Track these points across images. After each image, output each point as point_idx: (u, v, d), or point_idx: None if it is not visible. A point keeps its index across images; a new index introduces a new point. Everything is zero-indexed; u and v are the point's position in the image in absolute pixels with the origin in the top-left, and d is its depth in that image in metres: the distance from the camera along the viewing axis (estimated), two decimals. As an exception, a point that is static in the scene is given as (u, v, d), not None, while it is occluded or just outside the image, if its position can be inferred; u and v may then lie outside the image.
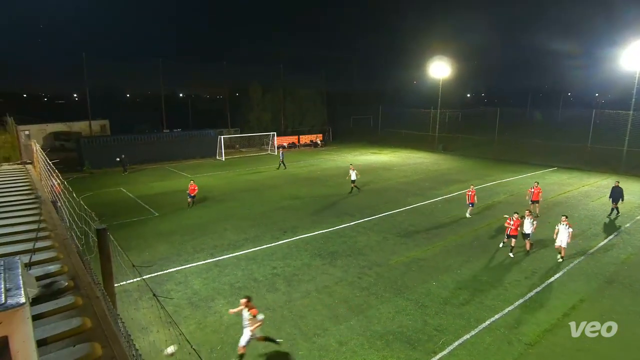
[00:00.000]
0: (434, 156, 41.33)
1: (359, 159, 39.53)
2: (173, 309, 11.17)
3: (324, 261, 14.62)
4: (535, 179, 29.23)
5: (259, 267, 14.14)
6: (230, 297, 11.98)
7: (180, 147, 38.73)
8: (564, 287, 12.68)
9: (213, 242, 16.53)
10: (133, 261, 6.39)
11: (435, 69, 45.52)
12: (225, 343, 9.80)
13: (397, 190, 25.62)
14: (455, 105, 63.30)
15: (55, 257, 4.00)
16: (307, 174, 29.76)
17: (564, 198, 23.20)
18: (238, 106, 50.41)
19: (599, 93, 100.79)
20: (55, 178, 10.45)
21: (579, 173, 31.30)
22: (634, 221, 19.18)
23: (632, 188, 26.15)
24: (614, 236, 17.03)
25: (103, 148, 34.82)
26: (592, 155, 33.15)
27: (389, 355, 9.37)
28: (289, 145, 47.30)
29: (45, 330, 2.71)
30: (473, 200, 19.79)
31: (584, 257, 14.94)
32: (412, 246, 16.10)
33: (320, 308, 11.38)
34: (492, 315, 10.91)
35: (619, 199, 19.69)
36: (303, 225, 18.63)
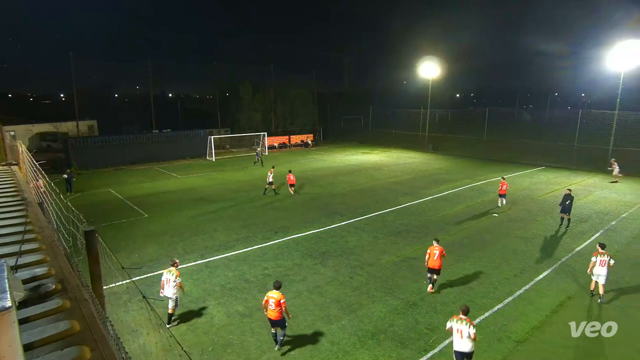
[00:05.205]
0: (424, 156, 41.62)
1: (350, 158, 39.65)
2: (163, 311, 11.06)
3: (315, 261, 14.62)
4: (525, 177, 29.66)
5: (250, 267, 14.08)
6: (222, 299, 11.92)
7: (170, 148, 38.45)
8: (551, 284, 12.86)
9: (203, 243, 16.43)
10: (122, 263, 6.33)
11: (425, 69, 45.84)
12: (216, 344, 9.75)
13: (388, 190, 25.74)
14: (445, 105, 63.74)
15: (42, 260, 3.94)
16: (298, 174, 29.70)
17: (552, 197, 23.53)
18: (228, 106, 50.20)
19: (585, 93, 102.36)
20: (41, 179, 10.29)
21: (567, 172, 31.80)
22: (620, 219, 19.53)
23: (617, 187, 26.64)
24: (600, 234, 17.32)
25: (91, 149, 34.44)
26: (579, 155, 33.66)
27: (380, 354, 9.40)
28: (279, 145, 47.23)
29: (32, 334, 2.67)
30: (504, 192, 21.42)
31: (571, 255, 15.17)
32: (402, 245, 16.19)
33: (312, 308, 11.38)
34: (482, 314, 11.02)
35: (569, 210, 18.02)
36: (294, 225, 18.61)
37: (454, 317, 8.54)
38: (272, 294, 9.35)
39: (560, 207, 18.29)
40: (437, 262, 12.02)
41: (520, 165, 34.99)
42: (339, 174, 31.16)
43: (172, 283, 10.39)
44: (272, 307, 9.26)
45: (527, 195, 24.35)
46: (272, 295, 9.31)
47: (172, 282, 10.38)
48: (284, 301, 9.30)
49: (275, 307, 9.24)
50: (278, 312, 9.27)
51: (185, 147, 39.49)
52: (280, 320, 9.36)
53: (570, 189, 18.81)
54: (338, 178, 29.67)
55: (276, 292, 9.34)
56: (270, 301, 9.28)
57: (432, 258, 12.05)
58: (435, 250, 12.10)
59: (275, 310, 9.25)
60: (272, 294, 9.33)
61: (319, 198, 23.79)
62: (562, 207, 18.18)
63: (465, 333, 8.23)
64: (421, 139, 47.20)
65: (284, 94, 52.31)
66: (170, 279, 10.42)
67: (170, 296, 10.47)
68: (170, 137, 39.96)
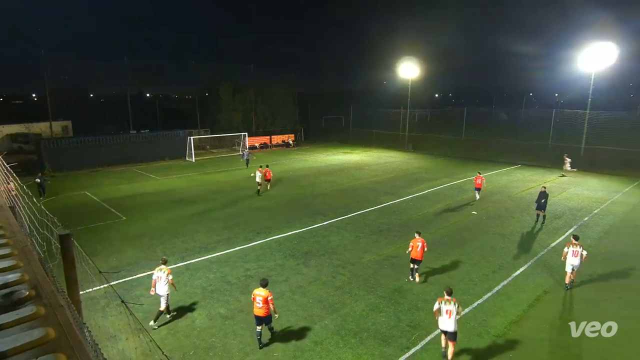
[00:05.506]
0: (404, 155, 42.08)
1: (331, 158, 39.74)
2: (143, 315, 10.86)
3: (297, 261, 14.60)
4: (502, 176, 30.36)
5: (231, 269, 13.95)
6: (203, 301, 11.78)
7: (148, 149, 37.66)
8: (528, 280, 13.21)
9: (184, 245, 16.18)
10: (99, 267, 6.18)
11: (405, 69, 46.35)
12: (198, 348, 9.62)
13: (369, 189, 25.92)
14: (424, 105, 64.62)
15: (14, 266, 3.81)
16: (279, 174, 29.62)
17: (528, 194, 24.16)
18: (208, 106, 49.54)
19: (559, 93, 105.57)
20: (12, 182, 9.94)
21: (542, 170, 32.69)
22: (592, 215, 20.21)
23: (589, 184, 27.57)
24: (573, 230, 17.87)
25: (65, 150, 33.45)
26: (554, 153, 34.64)
27: (363, 352, 9.46)
28: (260, 145, 46.93)
29: (5, 342, 2.58)
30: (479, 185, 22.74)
31: (546, 251, 15.62)
32: (384, 244, 16.33)
33: (295, 308, 11.36)
34: (462, 310, 11.21)
35: (544, 207, 18.46)
36: (276, 225, 18.53)
37: (440, 299, 9.10)
38: (258, 291, 9.52)
39: (536, 205, 18.79)
40: (419, 253, 12.77)
41: (497, 163, 35.79)
42: (321, 174, 31.19)
43: (164, 281, 10.45)
44: (260, 305, 9.41)
45: (504, 193, 24.93)
46: (259, 293, 9.47)
47: (164, 280, 10.45)
48: (271, 298, 9.49)
49: (262, 304, 9.40)
50: (265, 309, 9.43)
51: (164, 147, 38.76)
52: (267, 317, 9.55)
53: (545, 187, 19.35)
54: (320, 178, 29.70)
55: (263, 289, 9.52)
56: (257, 299, 9.44)
57: (415, 249, 12.79)
58: (417, 242, 12.80)
59: (262, 307, 9.40)
60: (259, 292, 9.49)
61: (300, 198, 23.76)
62: (537, 205, 18.68)
63: (454, 313, 8.83)
64: (401, 138, 47.71)
65: (264, 94, 51.96)
66: (162, 276, 10.48)
67: (162, 294, 10.51)
68: (148, 138, 39.17)
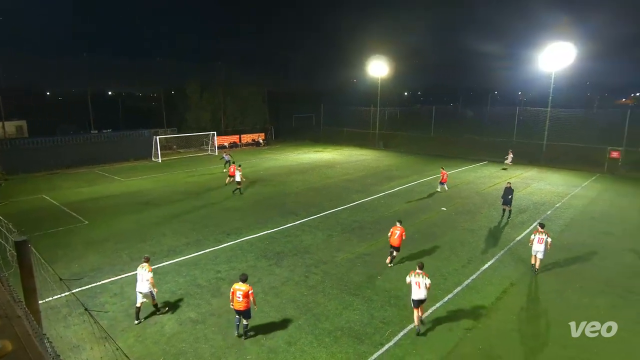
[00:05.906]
0: (375, 153, 42.51)
1: (303, 157, 39.60)
2: (108, 322, 10.40)
3: (269, 262, 14.40)
4: (469, 172, 31.21)
5: (202, 272, 13.59)
6: (172, 306, 11.40)
7: (111, 149, 36.18)
8: (496, 273, 13.60)
9: (151, 248, 15.63)
10: (60, 274, 5.84)
11: (374, 68, 46.82)
12: (167, 354, 9.29)
13: (341, 188, 25.99)
14: (394, 103, 65.63)
15: (-41, 278, 3.49)
16: (249, 174, 29.22)
17: (494, 190, 24.92)
18: (174, 105, 48.20)
19: (522, 91, 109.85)
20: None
21: (507, 166, 33.83)
22: (554, 209, 21.07)
23: (551, 179, 28.78)
24: (537, 223, 18.55)
25: (20, 151, 31.70)
26: (518, 149, 35.91)
27: (337, 351, 9.43)
28: (229, 145, 46.17)
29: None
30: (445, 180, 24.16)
31: (513, 244, 16.15)
32: (356, 242, 16.38)
33: (268, 310, 11.18)
34: (434, 304, 11.40)
35: (510, 202, 18.97)
36: (247, 226, 18.23)
37: (412, 272, 10.17)
38: (238, 286, 9.70)
39: (502, 200, 19.37)
40: (397, 240, 13.67)
41: (465, 160, 36.76)
42: (292, 173, 31.01)
43: (145, 278, 10.44)
44: (240, 299, 9.61)
45: (472, 189, 25.61)
46: (240, 288, 9.67)
47: (146, 278, 10.43)
48: (252, 292, 9.69)
49: (243, 298, 9.60)
50: (246, 303, 9.62)
51: (127, 148, 37.35)
52: (246, 311, 9.71)
53: (510, 182, 19.98)
54: (291, 177, 29.52)
55: (243, 284, 9.70)
56: (237, 293, 9.63)
57: (394, 237, 13.71)
58: (396, 230, 13.72)
59: (242, 301, 9.60)
60: (240, 286, 9.68)
61: (272, 197, 23.52)
62: (503, 200, 19.25)
63: (422, 284, 9.88)
64: (372, 136, 48.18)
65: (233, 93, 51.13)
66: (144, 274, 10.45)
67: (146, 291, 10.48)
68: (111, 138, 37.69)
